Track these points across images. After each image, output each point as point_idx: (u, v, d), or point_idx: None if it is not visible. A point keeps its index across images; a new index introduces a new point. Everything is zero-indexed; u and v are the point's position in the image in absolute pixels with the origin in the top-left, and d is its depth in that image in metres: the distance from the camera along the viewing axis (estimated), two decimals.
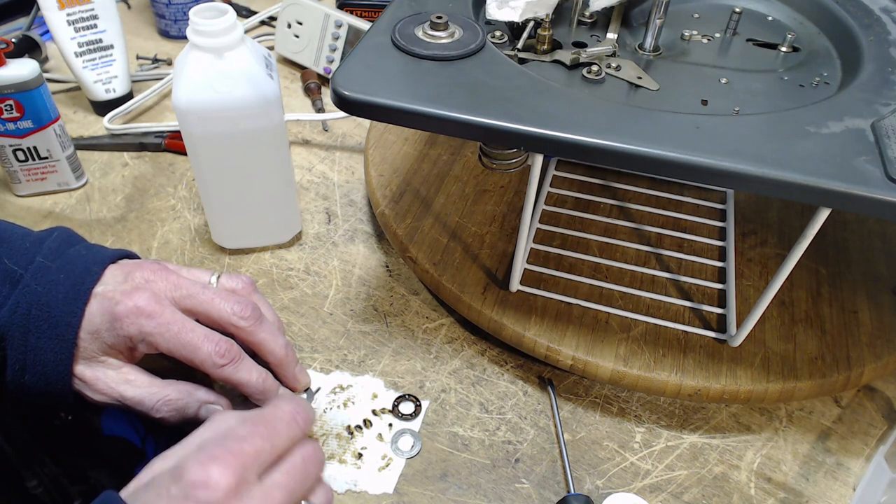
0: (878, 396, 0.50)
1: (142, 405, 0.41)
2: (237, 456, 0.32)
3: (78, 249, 0.42)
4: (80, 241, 0.43)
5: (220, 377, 0.41)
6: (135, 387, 0.41)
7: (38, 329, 0.39)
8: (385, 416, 0.46)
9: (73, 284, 0.40)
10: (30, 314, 0.39)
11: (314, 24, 0.76)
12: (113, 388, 0.41)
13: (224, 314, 0.42)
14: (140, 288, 0.41)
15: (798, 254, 0.40)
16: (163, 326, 0.40)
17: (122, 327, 0.40)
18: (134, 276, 0.42)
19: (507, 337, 0.49)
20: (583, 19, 0.52)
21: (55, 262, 0.41)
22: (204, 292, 0.42)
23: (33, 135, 0.59)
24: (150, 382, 0.42)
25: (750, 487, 0.44)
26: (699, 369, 0.46)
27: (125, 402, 0.41)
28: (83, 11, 0.68)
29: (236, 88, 0.47)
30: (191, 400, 0.42)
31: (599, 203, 0.59)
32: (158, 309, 0.40)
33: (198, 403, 0.43)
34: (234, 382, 0.42)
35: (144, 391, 0.41)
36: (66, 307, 0.39)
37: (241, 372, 0.42)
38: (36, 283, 0.40)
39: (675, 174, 0.37)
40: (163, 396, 0.41)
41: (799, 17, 0.53)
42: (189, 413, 0.42)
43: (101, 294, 0.41)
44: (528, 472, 0.44)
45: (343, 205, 0.63)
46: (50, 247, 0.42)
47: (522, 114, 0.38)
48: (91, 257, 0.42)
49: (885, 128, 0.38)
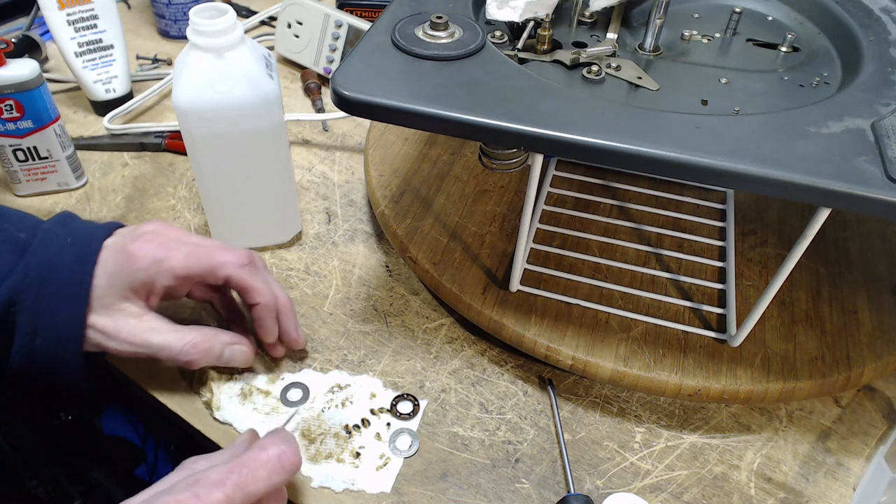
0: (878, 396, 0.50)
1: (168, 350, 0.42)
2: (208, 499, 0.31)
3: (81, 221, 0.44)
4: (79, 217, 0.45)
5: (237, 279, 0.44)
6: (159, 333, 0.43)
7: (49, 291, 0.40)
8: (383, 415, 0.46)
9: (82, 245, 0.41)
10: (41, 277, 0.40)
11: (314, 24, 0.76)
12: (137, 335, 0.42)
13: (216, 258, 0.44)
14: (148, 232, 0.43)
15: (798, 254, 0.40)
16: (174, 249, 0.42)
17: (137, 261, 0.41)
18: (142, 227, 0.44)
19: (507, 337, 0.49)
20: (583, 19, 0.52)
21: (62, 230, 0.42)
22: (207, 240, 0.45)
23: (33, 135, 0.59)
24: (173, 328, 0.43)
25: (750, 487, 0.44)
26: (699, 369, 0.46)
27: (151, 349, 0.42)
28: (83, 11, 0.68)
29: (236, 88, 0.47)
30: (216, 342, 0.44)
31: (599, 203, 0.59)
32: (167, 240, 0.43)
33: (222, 345, 0.45)
34: (249, 286, 0.44)
35: (170, 336, 0.43)
36: (77, 268, 0.41)
37: (257, 279, 0.44)
38: (45, 249, 0.41)
39: (675, 174, 0.37)
40: (189, 339, 0.43)
41: (799, 17, 0.53)
42: (214, 354, 0.44)
43: (111, 244, 0.43)
44: (528, 472, 0.44)
45: (343, 205, 0.63)
46: (56, 219, 0.43)
47: (522, 114, 0.38)
48: (95, 225, 0.44)
49: (885, 128, 0.38)
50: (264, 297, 0.45)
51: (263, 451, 0.35)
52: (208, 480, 0.33)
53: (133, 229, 0.44)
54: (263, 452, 0.35)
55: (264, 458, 0.35)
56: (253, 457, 0.35)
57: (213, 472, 0.33)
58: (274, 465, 0.35)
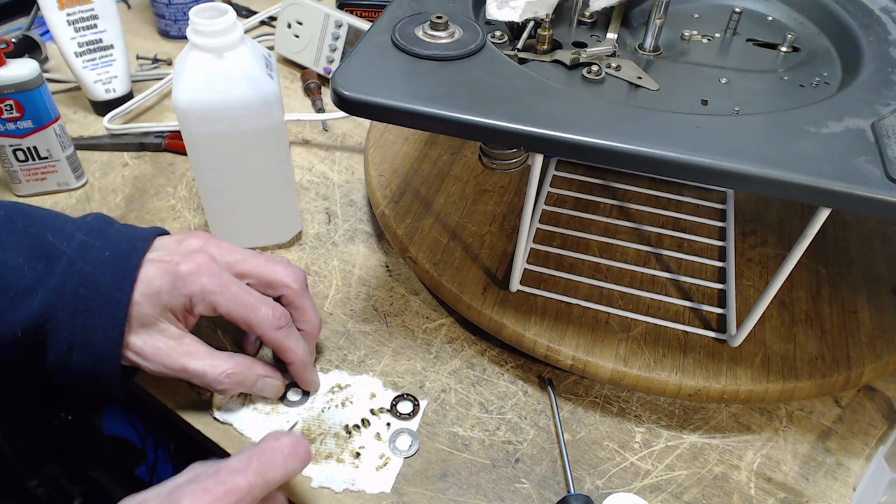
0: (878, 396, 0.50)
1: (204, 378, 0.42)
2: (230, 489, 0.32)
3: (118, 228, 0.42)
4: (116, 221, 0.43)
5: (272, 339, 0.43)
6: (197, 359, 0.42)
7: (87, 308, 0.39)
8: (383, 415, 0.46)
9: (120, 262, 0.40)
10: (78, 293, 0.39)
11: (314, 24, 0.76)
12: (175, 359, 0.41)
13: (278, 276, 0.44)
14: (197, 251, 0.42)
15: (798, 254, 0.40)
16: (223, 287, 0.41)
17: (185, 286, 0.40)
18: (188, 242, 0.43)
19: (507, 337, 0.49)
20: (583, 19, 0.52)
21: (98, 241, 0.41)
22: (256, 257, 0.44)
23: (33, 135, 0.59)
24: (210, 354, 0.43)
25: (750, 487, 0.44)
26: (699, 369, 0.46)
27: (187, 374, 0.42)
28: (83, 11, 0.68)
29: (236, 88, 0.47)
30: (250, 374, 0.44)
31: (599, 203, 0.59)
32: (218, 270, 0.42)
33: (255, 377, 0.44)
34: (283, 347, 0.44)
35: (207, 362, 0.42)
36: (116, 284, 0.39)
37: (291, 339, 0.44)
38: (83, 262, 0.39)
39: (675, 174, 0.37)
40: (225, 370, 0.42)
41: (799, 17, 0.53)
42: (247, 385, 0.44)
43: (156, 259, 0.41)
44: (528, 472, 0.44)
45: (343, 205, 0.63)
46: (91, 225, 0.42)
47: (522, 114, 0.38)
48: (133, 234, 0.42)
49: (885, 128, 0.38)
50: (297, 357, 0.44)
51: (277, 440, 0.36)
52: (229, 468, 0.34)
53: (178, 242, 0.43)
54: (278, 442, 0.36)
55: (279, 446, 0.36)
56: (269, 446, 0.36)
57: (233, 460, 0.34)
58: (289, 453, 0.36)
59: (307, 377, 0.46)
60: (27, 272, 0.39)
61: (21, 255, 0.39)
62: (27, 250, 0.39)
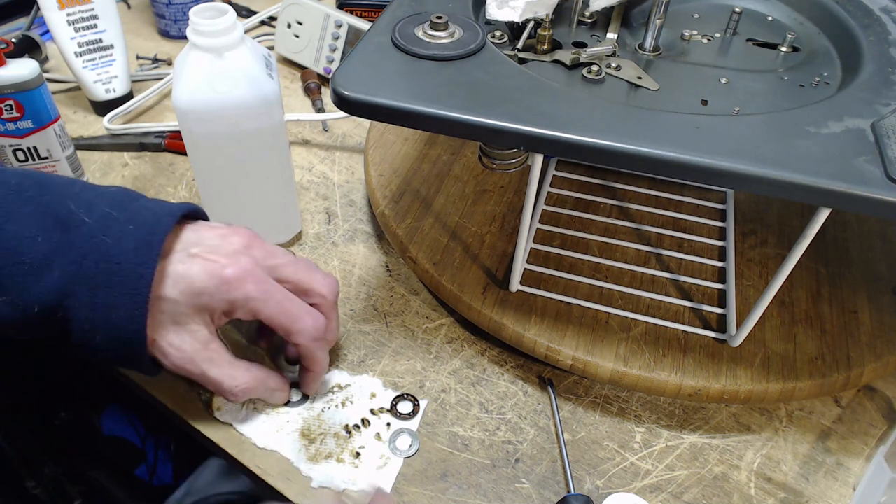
0: (878, 396, 0.50)
1: (219, 387, 0.42)
2: None
3: (143, 202, 0.40)
4: (142, 196, 0.41)
5: (308, 348, 0.43)
6: (217, 367, 0.41)
7: (108, 283, 0.37)
8: (383, 415, 0.46)
9: (144, 236, 0.38)
10: (98, 267, 0.37)
11: (314, 24, 0.76)
12: (198, 364, 0.41)
13: (315, 285, 0.44)
14: (241, 253, 0.41)
15: (798, 254, 0.40)
16: (268, 294, 0.41)
17: (229, 291, 0.40)
18: (231, 240, 0.41)
19: (507, 337, 0.49)
20: (583, 19, 0.52)
21: (122, 214, 0.39)
22: (296, 262, 0.44)
23: (33, 135, 0.59)
24: (230, 362, 0.42)
25: (750, 487, 0.44)
26: (699, 369, 0.46)
27: (204, 379, 0.41)
28: (83, 11, 0.68)
29: (236, 88, 0.47)
30: (263, 388, 0.44)
31: (599, 203, 0.59)
32: (263, 276, 0.41)
33: (267, 391, 0.44)
34: (315, 358, 0.44)
35: (226, 373, 0.42)
36: (138, 259, 0.37)
37: (323, 350, 0.44)
38: (104, 234, 0.37)
39: (675, 174, 0.37)
40: (240, 384, 0.42)
41: (799, 17, 0.53)
42: (257, 395, 0.44)
43: (200, 255, 0.40)
44: (528, 472, 0.44)
45: (343, 205, 0.63)
46: (114, 198, 0.40)
47: (522, 114, 0.38)
48: (158, 210, 0.40)
49: (885, 128, 0.38)
50: (321, 369, 0.45)
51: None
52: None
53: (221, 238, 0.41)
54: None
55: None
56: None
57: None
58: None
59: (316, 386, 0.46)
60: (42, 243, 0.37)
61: (34, 226, 0.37)
62: (41, 220, 0.37)
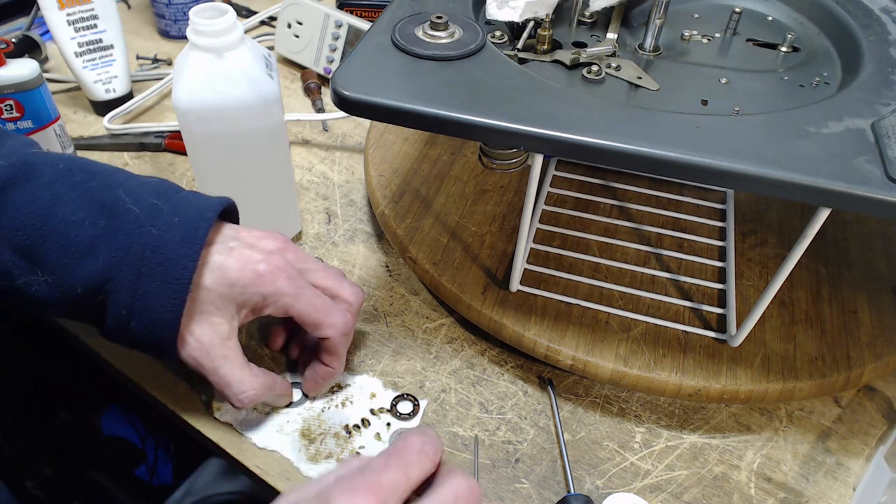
0: (878, 396, 0.50)
1: (227, 388, 0.42)
2: (376, 487, 0.32)
3: (185, 194, 0.42)
4: (181, 188, 0.43)
5: (336, 343, 0.44)
6: (230, 367, 0.42)
7: (151, 272, 0.38)
8: (383, 415, 0.46)
9: (188, 229, 0.39)
10: (144, 256, 0.38)
11: (314, 24, 0.76)
12: (213, 359, 0.41)
13: (344, 293, 0.45)
14: (275, 253, 0.43)
15: (798, 254, 0.40)
16: (299, 290, 0.42)
17: (263, 285, 0.41)
18: (266, 242, 0.43)
19: (507, 337, 0.49)
20: (583, 19, 0.52)
21: (167, 205, 0.40)
22: (326, 269, 0.45)
23: (33, 135, 0.59)
24: (241, 366, 0.42)
25: (750, 487, 0.44)
26: (699, 369, 0.46)
27: (213, 375, 0.42)
28: (83, 11, 0.68)
29: (236, 88, 0.47)
30: (270, 394, 0.44)
31: (599, 203, 0.59)
32: (295, 273, 0.42)
33: (273, 396, 0.45)
34: (338, 354, 0.45)
35: (236, 375, 0.42)
36: (182, 251, 0.39)
37: (345, 349, 0.45)
38: (150, 225, 0.39)
39: (675, 174, 0.37)
40: (249, 389, 0.42)
41: (799, 17, 0.53)
42: (262, 400, 0.44)
43: (237, 249, 0.41)
44: (528, 472, 0.44)
45: (343, 205, 0.63)
46: (158, 189, 0.41)
47: (522, 114, 0.38)
48: (200, 203, 0.41)
49: (885, 128, 0.38)
50: (339, 367, 0.45)
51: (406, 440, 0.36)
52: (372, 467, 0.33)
53: (257, 240, 0.43)
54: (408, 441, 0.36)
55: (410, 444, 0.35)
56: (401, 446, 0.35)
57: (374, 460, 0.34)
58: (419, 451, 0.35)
59: (324, 387, 0.47)
60: (88, 228, 0.38)
61: (81, 210, 0.38)
62: (88, 205, 0.39)
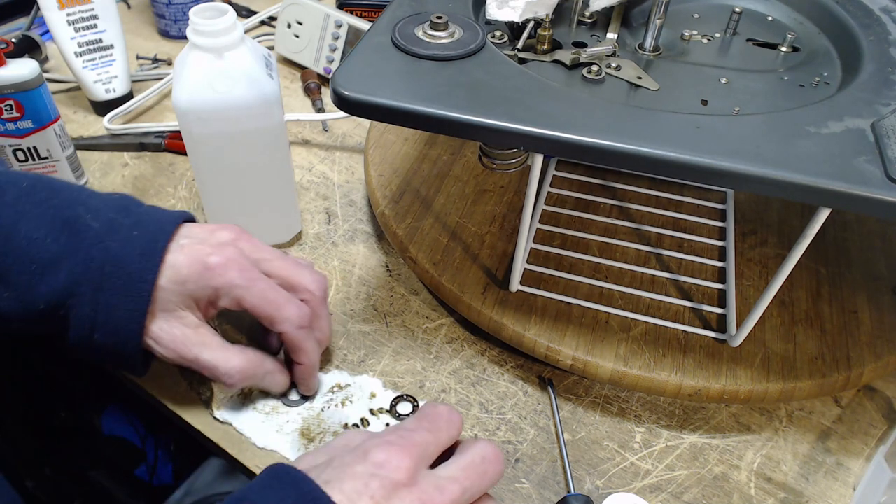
0: (878, 396, 0.50)
1: (215, 370, 0.42)
2: (411, 444, 0.33)
3: (146, 209, 0.43)
4: (142, 203, 0.43)
5: (293, 337, 0.43)
6: (210, 350, 0.42)
7: (112, 286, 0.39)
8: (382, 415, 0.46)
9: (148, 242, 0.40)
10: (104, 270, 0.39)
11: (314, 24, 0.76)
12: (189, 348, 0.41)
13: (303, 280, 0.44)
14: (228, 244, 0.42)
15: (798, 254, 0.40)
16: (251, 282, 0.41)
17: (213, 278, 0.41)
18: (219, 234, 0.43)
19: (507, 337, 0.49)
20: (583, 19, 0.52)
21: (127, 219, 0.41)
22: (284, 258, 0.45)
23: (33, 135, 0.59)
24: (223, 347, 0.43)
25: (750, 487, 0.44)
26: (699, 369, 0.46)
27: (198, 364, 0.42)
28: (83, 11, 0.68)
29: (236, 88, 0.47)
30: (260, 370, 0.44)
31: (599, 203, 0.59)
32: (247, 265, 0.42)
33: (264, 373, 0.44)
34: (301, 347, 0.44)
35: (220, 356, 0.42)
36: (142, 264, 0.39)
37: (310, 341, 0.44)
38: (110, 239, 0.39)
39: (675, 174, 0.37)
40: (236, 365, 0.42)
41: (799, 17, 0.53)
42: (255, 381, 0.44)
43: (187, 246, 0.41)
44: (528, 472, 0.44)
45: (343, 205, 0.63)
46: (119, 204, 0.42)
47: (522, 114, 0.38)
48: (161, 216, 0.42)
49: (885, 128, 0.38)
50: (310, 360, 0.45)
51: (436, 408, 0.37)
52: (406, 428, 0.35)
53: (209, 233, 0.43)
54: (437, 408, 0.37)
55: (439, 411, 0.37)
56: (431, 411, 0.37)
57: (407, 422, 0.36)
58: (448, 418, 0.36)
59: (310, 382, 0.46)
60: (50, 244, 0.39)
61: (44, 227, 0.39)
62: (51, 222, 0.39)
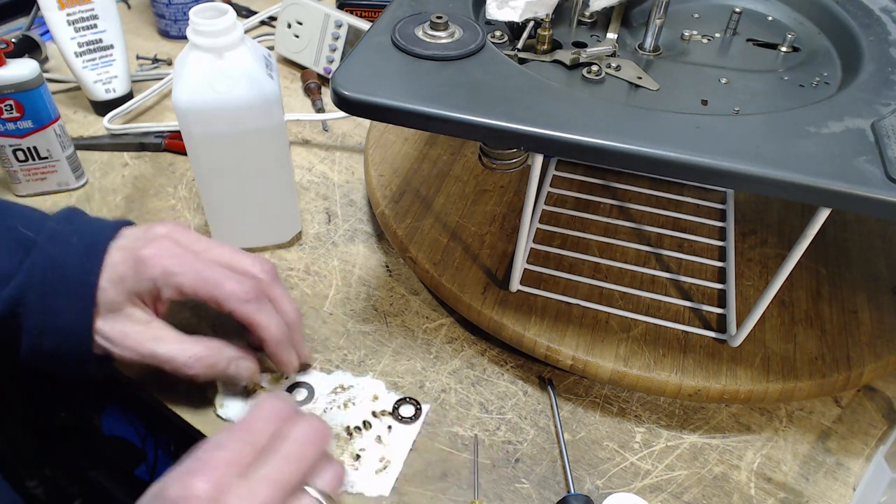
0: (878, 396, 0.50)
1: (173, 362, 0.42)
2: (212, 464, 0.32)
3: (87, 218, 0.43)
4: (88, 215, 0.44)
5: (242, 313, 0.42)
6: (166, 343, 0.42)
7: (55, 290, 0.39)
8: (385, 418, 0.46)
9: (88, 244, 0.41)
10: (45, 276, 0.39)
11: (314, 24, 0.76)
12: (143, 343, 0.41)
13: (246, 266, 0.43)
14: (162, 237, 0.42)
15: (798, 254, 0.40)
16: (186, 266, 0.41)
17: (147, 269, 0.41)
18: (154, 230, 0.43)
19: (507, 337, 0.49)
20: (583, 19, 0.52)
21: (67, 227, 0.42)
22: (222, 247, 0.44)
23: (33, 135, 0.59)
24: (179, 339, 0.42)
25: (750, 487, 0.44)
26: (699, 369, 0.46)
27: (156, 359, 0.42)
28: (83, 11, 0.68)
29: (236, 88, 0.47)
30: (221, 357, 0.43)
31: (599, 203, 0.59)
32: (180, 251, 0.42)
33: (227, 360, 0.44)
34: (254, 322, 0.42)
35: (175, 347, 0.42)
36: (83, 265, 0.40)
37: (263, 313, 0.43)
38: (50, 246, 0.40)
39: (675, 174, 0.37)
40: (194, 353, 0.42)
41: (799, 17, 0.53)
42: (219, 369, 0.43)
43: (122, 246, 0.42)
44: (528, 472, 0.44)
45: (343, 205, 0.63)
46: (61, 215, 0.43)
47: (522, 114, 0.38)
48: (102, 223, 0.43)
49: (885, 128, 0.38)
50: (271, 333, 0.43)
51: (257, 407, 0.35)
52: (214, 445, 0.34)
53: (145, 231, 0.43)
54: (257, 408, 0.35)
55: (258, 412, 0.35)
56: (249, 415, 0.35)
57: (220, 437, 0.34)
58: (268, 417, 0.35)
59: (282, 356, 0.44)
60: (3, 262, 0.40)
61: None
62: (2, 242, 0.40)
